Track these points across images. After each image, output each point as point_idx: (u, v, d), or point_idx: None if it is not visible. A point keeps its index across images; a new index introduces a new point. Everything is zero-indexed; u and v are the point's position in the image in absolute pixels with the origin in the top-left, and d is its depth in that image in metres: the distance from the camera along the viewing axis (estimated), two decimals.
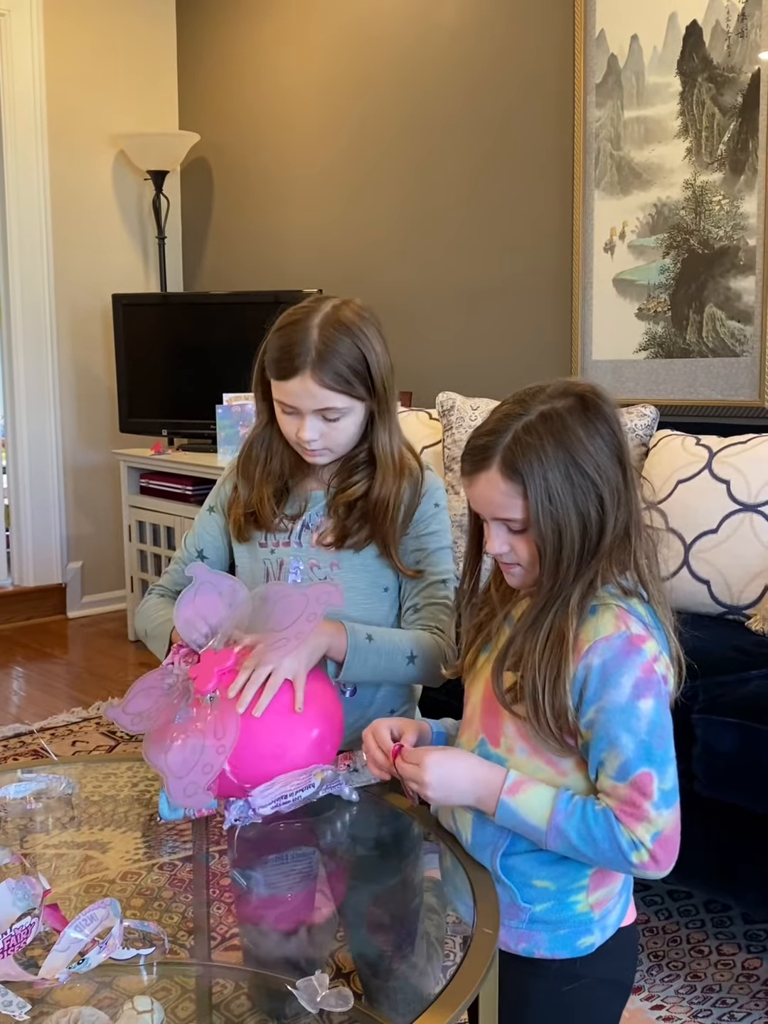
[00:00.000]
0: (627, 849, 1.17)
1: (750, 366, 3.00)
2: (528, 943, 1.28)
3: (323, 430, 1.59)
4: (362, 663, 1.55)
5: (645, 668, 1.19)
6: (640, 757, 1.18)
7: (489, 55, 3.62)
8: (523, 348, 3.60)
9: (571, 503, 1.20)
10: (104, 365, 4.75)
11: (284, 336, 1.58)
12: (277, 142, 4.46)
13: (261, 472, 1.69)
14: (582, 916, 1.27)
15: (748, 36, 2.92)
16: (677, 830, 1.21)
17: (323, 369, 1.54)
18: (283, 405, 1.60)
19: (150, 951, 1.24)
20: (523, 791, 1.22)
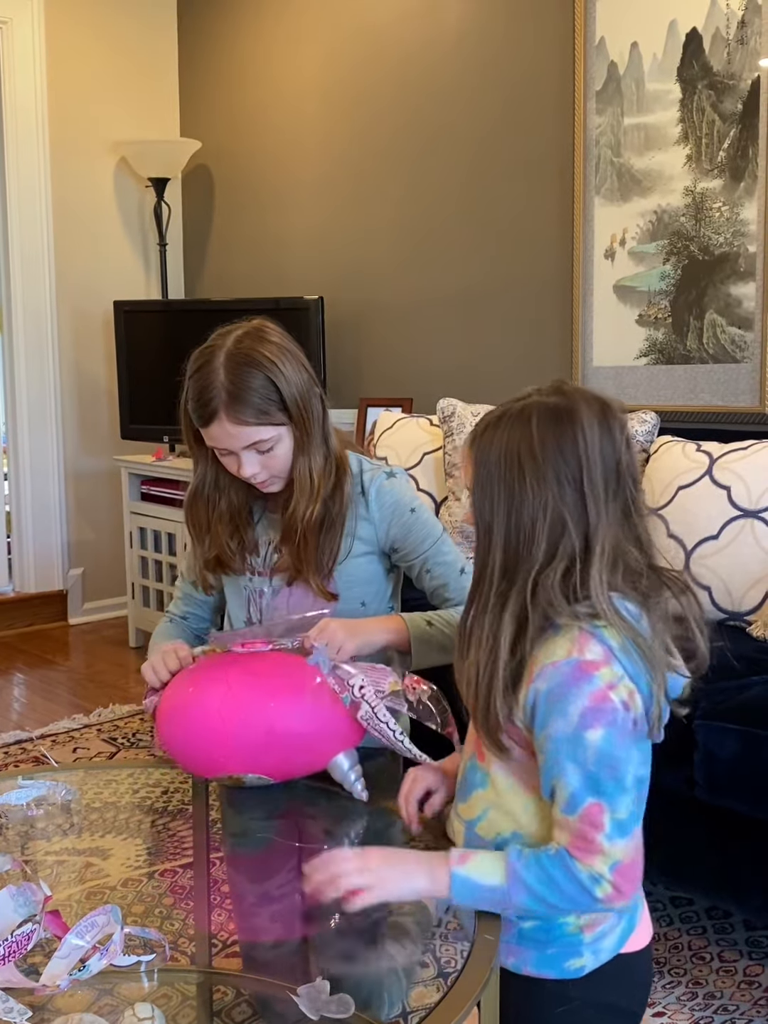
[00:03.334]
0: (589, 885, 1.14)
1: (750, 372, 3.00)
2: (516, 959, 1.26)
3: (261, 461, 1.59)
4: (429, 647, 1.59)
5: (596, 696, 1.14)
6: (587, 789, 1.14)
7: (489, 62, 3.62)
8: (524, 354, 3.60)
9: (504, 508, 1.19)
10: (105, 371, 4.75)
11: (196, 382, 1.58)
12: (278, 149, 4.47)
13: (213, 515, 1.69)
14: (571, 938, 1.24)
15: (748, 43, 2.92)
16: (637, 858, 1.17)
17: (237, 408, 1.54)
18: (216, 449, 1.61)
19: (151, 958, 1.24)
20: (472, 859, 1.19)
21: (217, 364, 1.56)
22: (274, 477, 1.62)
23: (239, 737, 1.39)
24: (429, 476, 3.03)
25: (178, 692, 1.47)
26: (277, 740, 1.39)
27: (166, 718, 1.46)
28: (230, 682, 1.42)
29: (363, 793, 1.43)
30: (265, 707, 1.40)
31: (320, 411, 1.64)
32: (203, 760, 1.44)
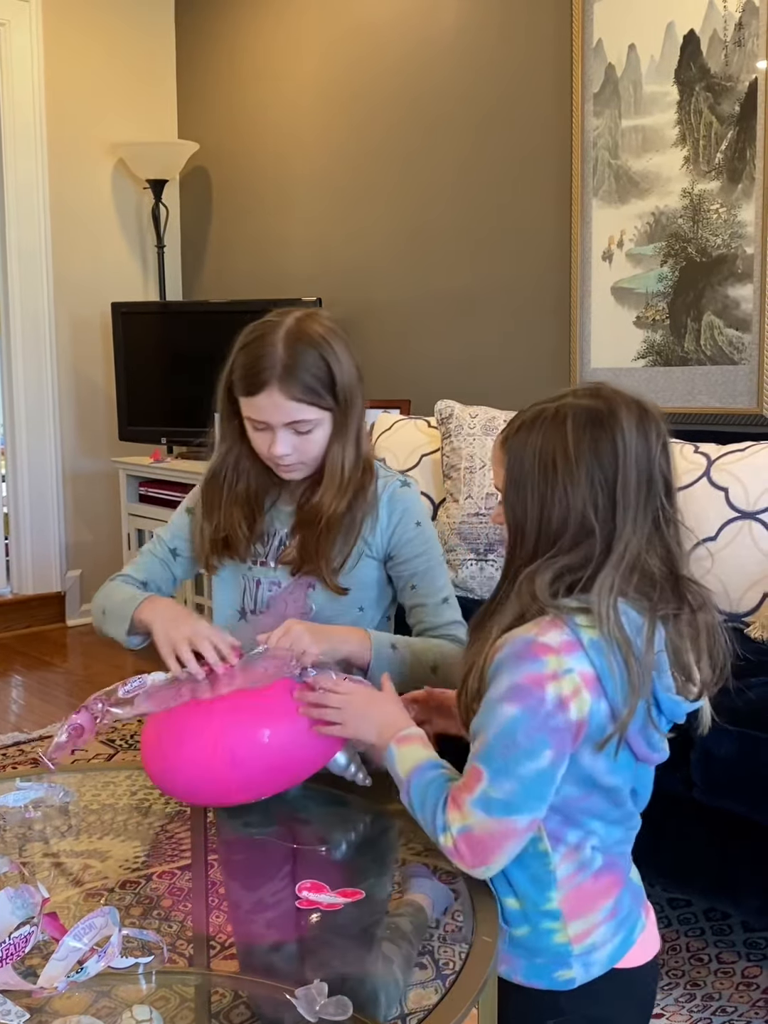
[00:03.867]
0: (438, 826, 1.19)
1: (748, 374, 3.00)
2: (508, 966, 1.26)
3: (295, 443, 1.59)
4: (385, 670, 1.55)
5: (531, 678, 1.14)
6: (481, 753, 1.17)
7: (487, 63, 3.63)
8: (522, 356, 3.60)
9: (538, 504, 1.20)
10: (103, 373, 4.75)
11: (249, 352, 1.59)
12: (276, 151, 4.47)
13: (228, 495, 1.68)
14: (559, 948, 1.24)
15: (745, 45, 2.93)
16: (493, 838, 1.15)
17: (290, 381, 1.54)
18: (253, 422, 1.60)
19: (149, 960, 1.24)
20: (407, 745, 1.27)
21: (276, 338, 1.57)
22: (301, 463, 1.61)
23: (237, 779, 1.38)
24: (427, 478, 3.03)
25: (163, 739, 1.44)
26: (275, 770, 1.38)
27: (155, 761, 1.43)
28: (218, 726, 1.38)
29: (366, 780, 1.44)
30: (259, 744, 1.37)
31: (361, 406, 1.65)
32: (202, 799, 1.45)
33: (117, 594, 1.72)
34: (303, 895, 1.34)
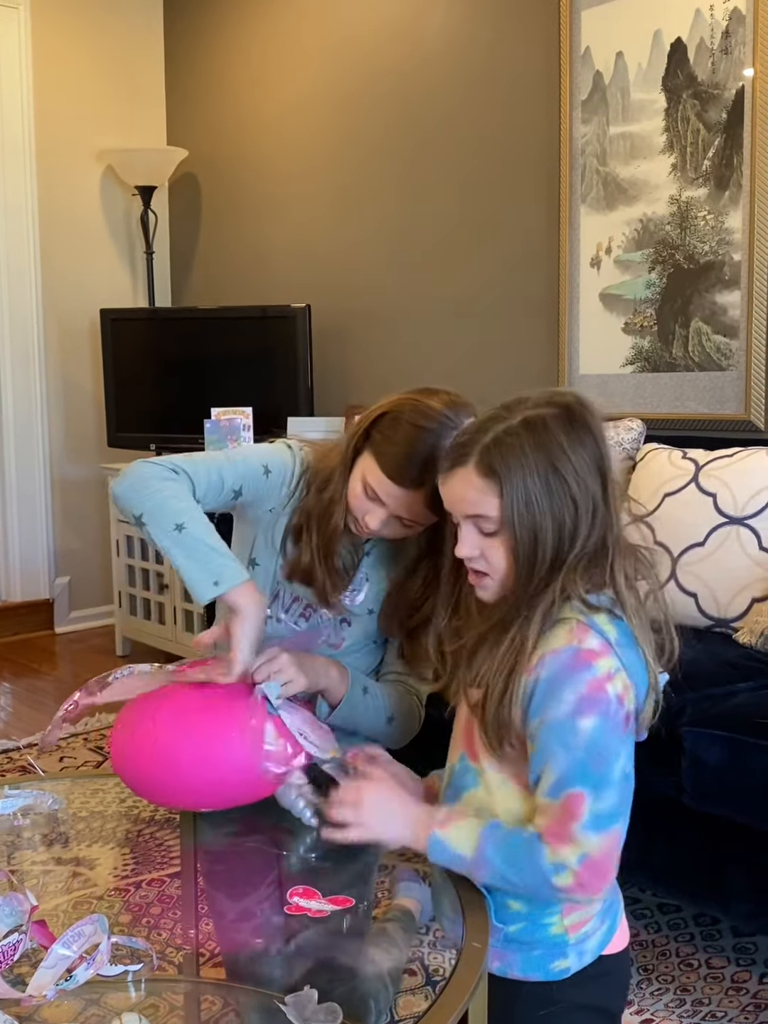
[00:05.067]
0: (548, 872, 1.15)
1: (736, 380, 3.01)
2: (502, 963, 1.26)
3: (391, 525, 1.54)
4: (351, 712, 1.58)
5: (592, 685, 1.15)
6: (574, 776, 1.15)
7: (475, 72, 3.64)
8: (510, 362, 3.61)
9: (548, 508, 1.19)
10: (92, 379, 4.74)
11: (414, 441, 1.47)
12: (265, 157, 4.48)
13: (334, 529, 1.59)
14: (556, 939, 1.25)
15: (732, 53, 2.94)
16: (610, 855, 1.17)
17: (432, 492, 1.44)
18: (372, 491, 1.52)
19: (138, 967, 1.24)
20: (452, 825, 1.21)
21: (446, 443, 1.40)
22: (380, 537, 1.59)
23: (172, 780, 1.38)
24: None
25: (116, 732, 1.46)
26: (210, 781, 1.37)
27: (115, 753, 1.46)
28: (158, 723, 1.39)
29: (312, 820, 1.39)
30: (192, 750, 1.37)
31: None
32: (149, 796, 1.46)
33: (193, 514, 1.50)
34: (293, 900, 1.34)
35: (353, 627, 1.68)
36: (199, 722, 1.39)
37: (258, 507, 1.65)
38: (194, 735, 1.37)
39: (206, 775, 1.36)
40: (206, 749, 1.36)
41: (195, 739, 1.37)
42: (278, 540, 1.66)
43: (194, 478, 1.55)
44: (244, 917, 1.54)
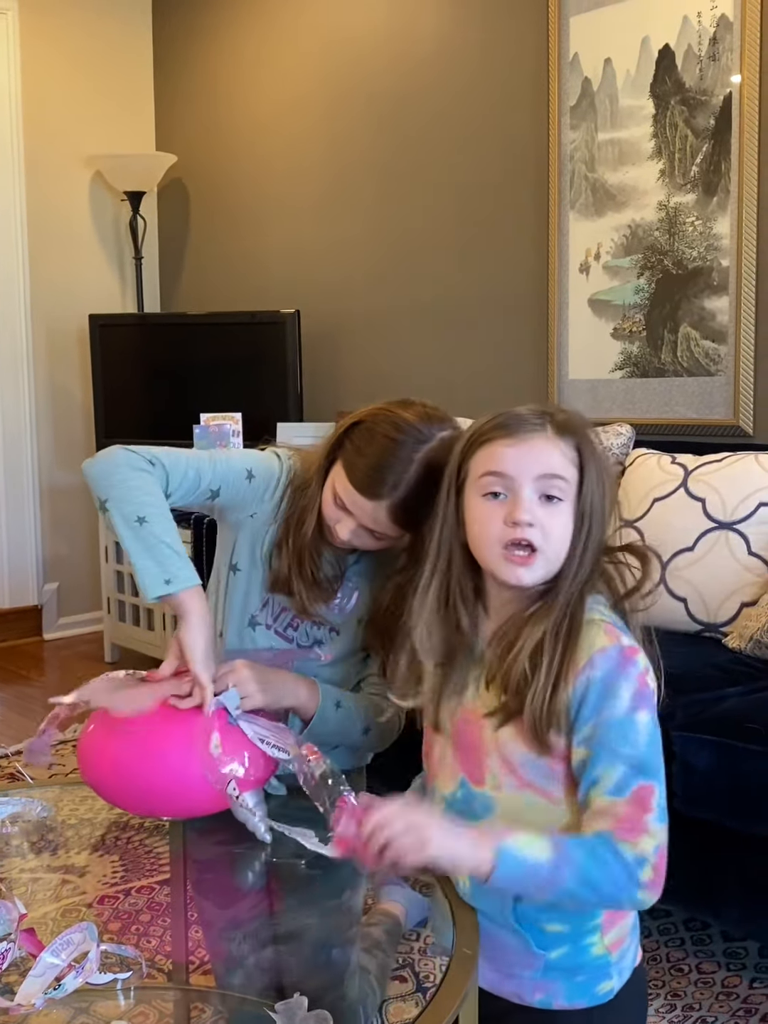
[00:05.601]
0: (635, 867, 1.12)
1: (724, 385, 3.02)
2: (545, 993, 1.23)
3: (360, 534, 1.53)
4: (323, 728, 1.57)
5: (640, 680, 1.17)
6: (639, 770, 1.15)
7: (464, 78, 3.64)
8: (500, 367, 3.61)
9: (603, 493, 1.21)
10: (81, 385, 4.73)
11: (383, 453, 1.47)
12: (254, 163, 4.48)
13: (313, 540, 1.58)
14: (599, 960, 1.23)
15: (720, 60, 2.95)
16: (665, 843, 1.17)
17: (403, 508, 1.46)
18: (340, 500, 1.52)
19: (127, 975, 1.23)
20: (517, 834, 1.13)
21: (416, 455, 1.45)
22: (352, 546, 1.58)
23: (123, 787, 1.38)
24: None
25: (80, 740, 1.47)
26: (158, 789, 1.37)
27: (80, 760, 1.46)
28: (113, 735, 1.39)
29: (266, 835, 1.38)
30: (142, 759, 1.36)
31: None
32: (113, 802, 1.45)
33: (157, 509, 1.50)
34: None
35: (342, 636, 1.67)
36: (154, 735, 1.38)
37: (239, 511, 1.65)
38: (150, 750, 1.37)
39: (166, 787, 1.36)
40: (160, 762, 1.36)
41: (150, 753, 1.36)
42: (266, 550, 1.65)
43: (170, 471, 1.55)
44: (233, 924, 1.53)
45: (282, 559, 1.61)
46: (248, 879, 1.54)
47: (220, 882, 1.58)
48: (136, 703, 1.39)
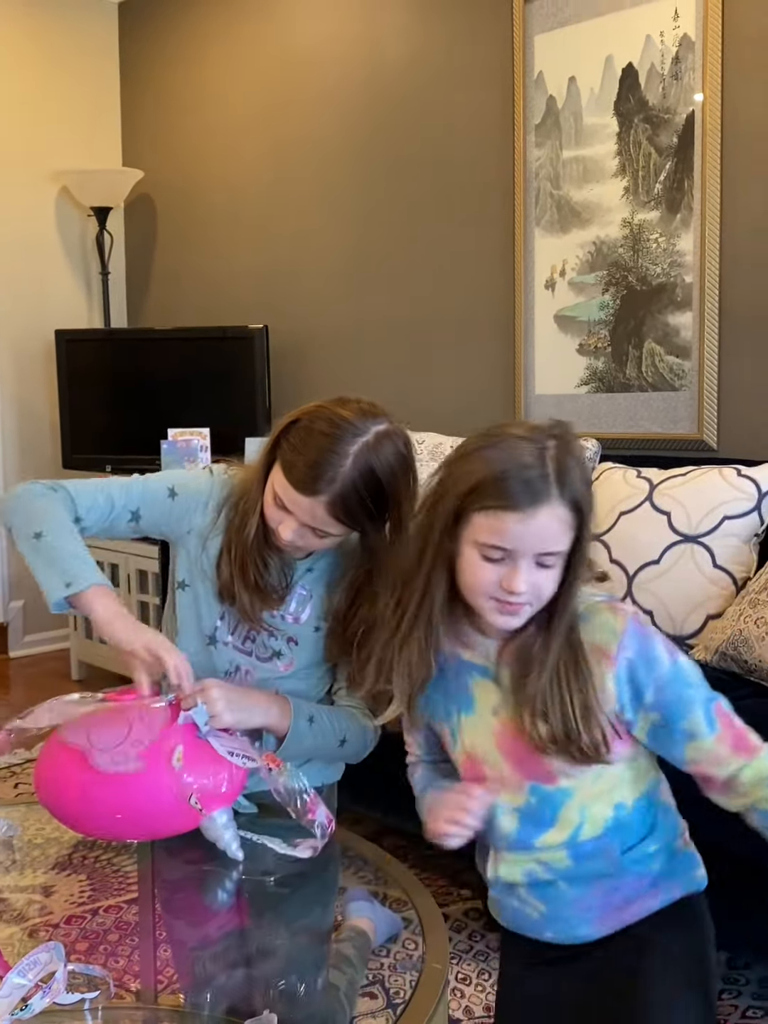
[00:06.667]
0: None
1: (689, 400, 3.05)
2: (665, 893, 1.32)
3: (305, 536, 1.54)
4: (298, 744, 1.57)
5: (655, 632, 1.27)
6: (707, 699, 1.26)
7: (429, 95, 3.67)
8: (468, 383, 3.63)
9: (591, 528, 1.27)
10: (47, 400, 4.71)
11: (317, 449, 1.47)
12: (221, 179, 4.48)
13: (258, 542, 1.59)
14: (686, 852, 1.36)
15: (682, 79, 2.99)
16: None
17: (340, 503, 1.47)
18: (279, 500, 1.52)
19: (95, 995, 1.22)
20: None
21: (350, 450, 1.47)
22: (299, 548, 1.59)
23: (88, 811, 1.38)
24: None
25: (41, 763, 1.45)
26: (129, 812, 1.37)
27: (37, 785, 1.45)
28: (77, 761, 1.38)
29: (238, 852, 1.38)
30: (111, 783, 1.36)
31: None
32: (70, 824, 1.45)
33: (55, 524, 1.56)
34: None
35: (301, 647, 1.67)
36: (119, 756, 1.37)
37: (173, 529, 1.67)
38: (114, 775, 1.36)
39: (129, 812, 1.35)
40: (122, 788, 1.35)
41: (114, 777, 1.35)
42: (212, 563, 1.65)
43: (75, 496, 1.59)
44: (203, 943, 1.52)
45: (225, 566, 1.62)
46: (217, 898, 1.54)
47: (189, 901, 1.57)
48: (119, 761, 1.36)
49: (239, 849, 1.39)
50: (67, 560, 1.53)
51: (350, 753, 1.65)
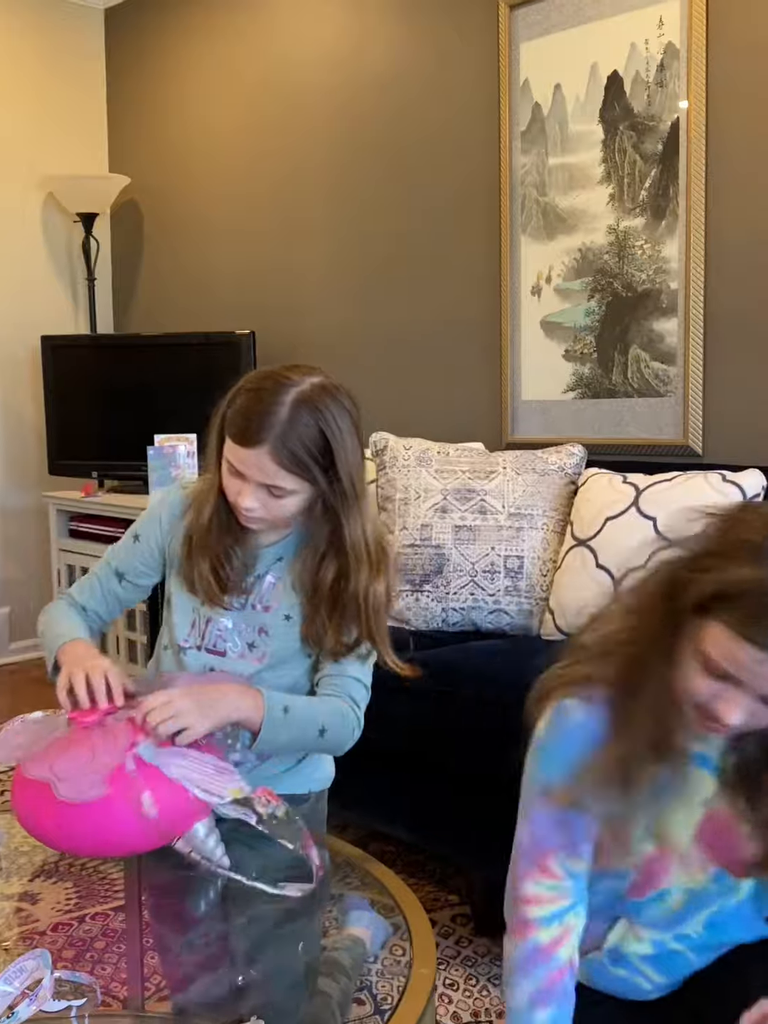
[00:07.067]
0: None
1: (674, 406, 3.07)
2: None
3: (264, 501, 1.55)
4: (275, 736, 1.54)
5: None
6: None
7: (416, 102, 3.68)
8: (454, 388, 3.64)
9: None
10: (32, 406, 4.70)
11: (253, 401, 1.52)
12: (207, 185, 4.48)
13: (218, 529, 1.63)
14: None
15: (667, 86, 3.01)
16: None
17: (283, 448, 1.49)
18: (232, 466, 1.55)
19: (82, 1002, 1.22)
20: None
21: (285, 398, 1.51)
22: (263, 519, 1.59)
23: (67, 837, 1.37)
24: None
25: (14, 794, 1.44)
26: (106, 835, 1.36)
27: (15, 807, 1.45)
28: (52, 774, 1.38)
29: (223, 859, 1.38)
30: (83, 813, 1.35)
31: (365, 484, 1.61)
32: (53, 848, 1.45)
33: (56, 624, 1.72)
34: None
35: (272, 636, 1.65)
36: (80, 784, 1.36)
37: (149, 563, 1.74)
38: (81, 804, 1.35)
39: (106, 835, 1.35)
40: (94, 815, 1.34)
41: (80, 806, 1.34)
42: (180, 563, 1.69)
43: (78, 595, 1.77)
44: (190, 950, 1.52)
45: (187, 555, 1.66)
46: (204, 904, 1.53)
47: (176, 907, 1.56)
48: (84, 789, 1.36)
49: (224, 855, 1.38)
50: (51, 640, 1.67)
51: (332, 743, 1.61)
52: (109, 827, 1.33)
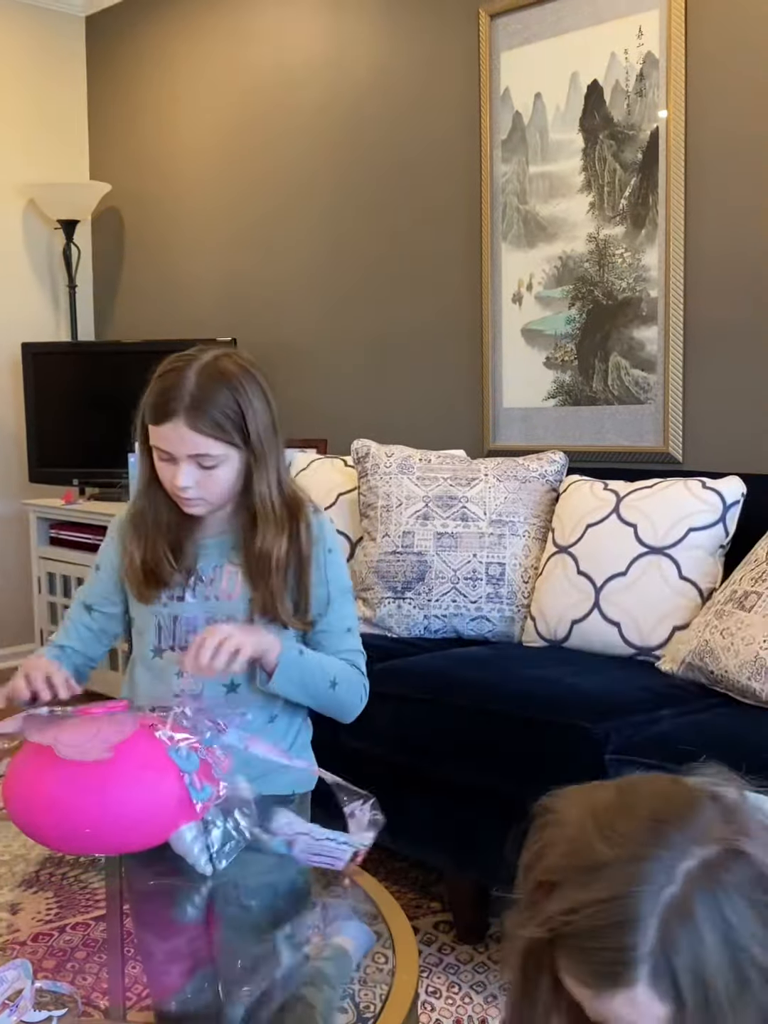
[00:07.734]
0: None
1: (654, 413, 3.08)
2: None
3: (198, 478, 1.58)
4: (288, 677, 1.58)
5: None
6: None
7: (397, 110, 3.69)
8: (436, 396, 3.64)
9: None
10: (12, 414, 4.68)
11: (162, 381, 1.60)
12: (189, 192, 4.48)
13: (153, 525, 1.67)
14: None
15: (647, 95, 3.03)
16: None
17: (197, 415, 1.55)
18: (159, 451, 1.61)
19: (63, 1013, 1.21)
20: None
21: (190, 371, 1.59)
22: (202, 499, 1.61)
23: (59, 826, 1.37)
24: (344, 517, 3.04)
25: (10, 774, 1.45)
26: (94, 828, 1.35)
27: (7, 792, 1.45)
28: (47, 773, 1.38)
29: (207, 867, 1.37)
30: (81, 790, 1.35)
31: (278, 445, 1.66)
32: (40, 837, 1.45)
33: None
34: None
35: (241, 624, 1.66)
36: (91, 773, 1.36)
37: (115, 586, 1.76)
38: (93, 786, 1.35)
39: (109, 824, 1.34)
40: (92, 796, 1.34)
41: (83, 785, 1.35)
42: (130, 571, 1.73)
43: (58, 638, 1.81)
44: (172, 959, 1.52)
45: (148, 548, 1.68)
46: (187, 911, 1.53)
47: (159, 915, 1.56)
48: (90, 751, 1.36)
49: (208, 863, 1.38)
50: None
51: (342, 700, 1.65)
52: (110, 793, 1.33)
